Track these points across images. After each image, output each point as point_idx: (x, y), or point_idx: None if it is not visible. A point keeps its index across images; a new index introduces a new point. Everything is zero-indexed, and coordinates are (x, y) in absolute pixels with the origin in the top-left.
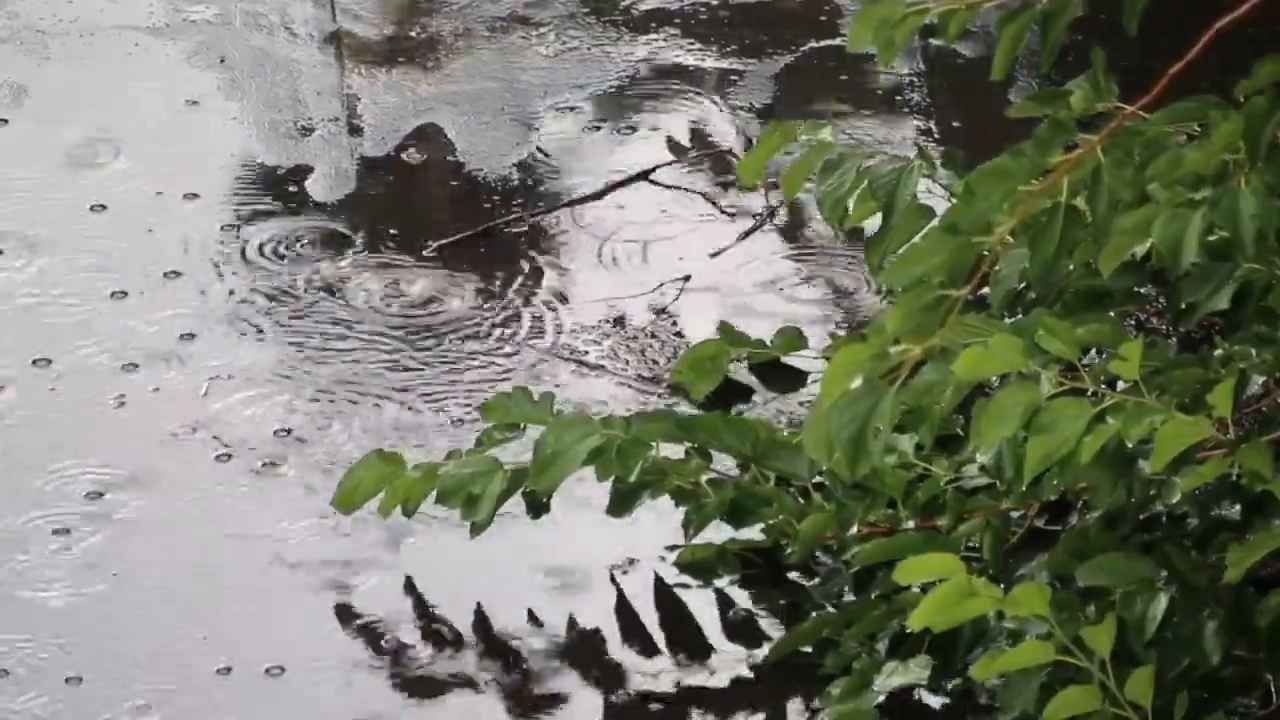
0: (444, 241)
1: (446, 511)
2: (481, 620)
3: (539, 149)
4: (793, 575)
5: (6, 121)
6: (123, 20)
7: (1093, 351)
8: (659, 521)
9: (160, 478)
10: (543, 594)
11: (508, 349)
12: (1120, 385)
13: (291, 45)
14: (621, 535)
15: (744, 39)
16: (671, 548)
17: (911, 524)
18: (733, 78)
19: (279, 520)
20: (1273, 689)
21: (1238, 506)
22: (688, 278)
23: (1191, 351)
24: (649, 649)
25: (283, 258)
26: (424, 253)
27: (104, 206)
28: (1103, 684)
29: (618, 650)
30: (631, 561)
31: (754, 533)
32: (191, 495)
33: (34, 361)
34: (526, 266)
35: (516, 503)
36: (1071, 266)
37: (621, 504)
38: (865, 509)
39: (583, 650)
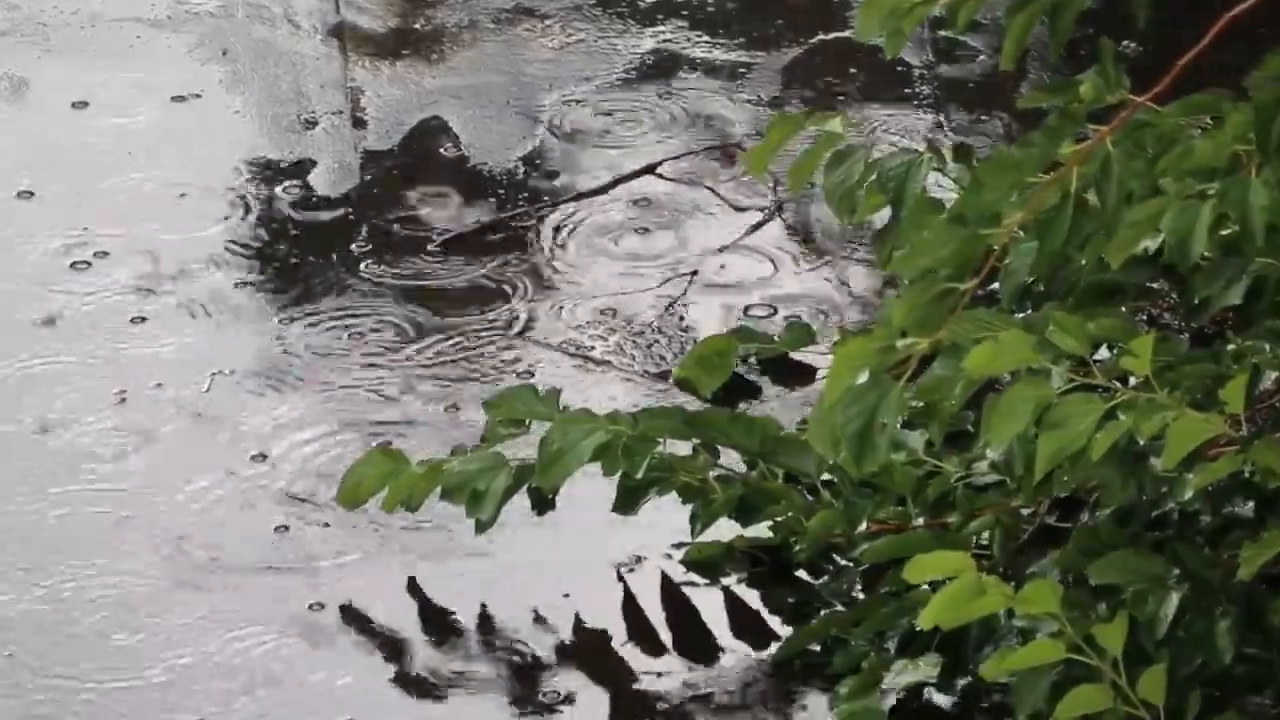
0: (449, 235)
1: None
2: (486, 618)
3: (545, 142)
4: (801, 573)
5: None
6: (124, 13)
7: (1104, 347)
8: (666, 519)
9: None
10: (548, 592)
11: (513, 344)
12: (1132, 381)
13: (294, 38)
14: (628, 532)
15: (751, 31)
16: (678, 545)
17: (921, 521)
18: (740, 70)
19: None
20: None
21: (1250, 504)
22: (695, 272)
23: (1204, 347)
24: (655, 647)
25: (285, 253)
26: (429, 247)
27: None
28: (1114, 683)
29: (624, 648)
30: (638, 559)
31: (762, 530)
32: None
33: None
34: (532, 261)
35: (521, 500)
36: (1083, 261)
37: (628, 501)
38: (874, 506)
39: (589, 649)
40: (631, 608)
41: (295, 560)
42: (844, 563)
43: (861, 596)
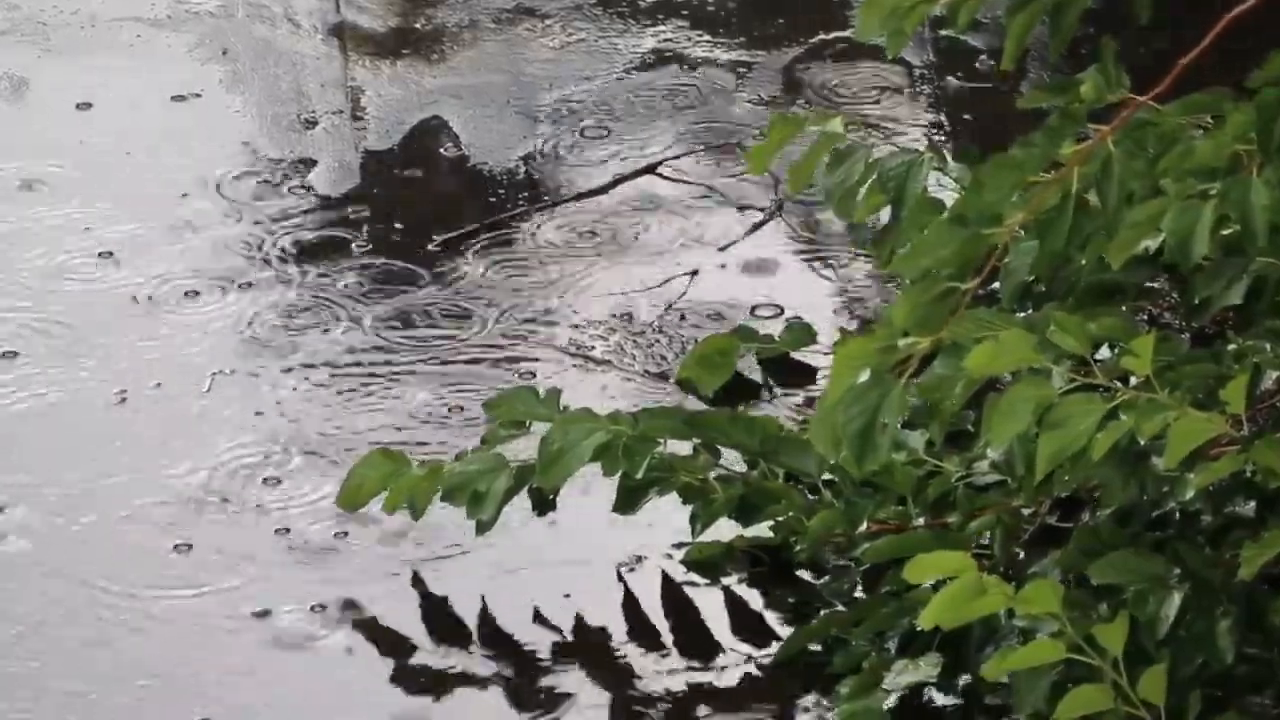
0: (449, 235)
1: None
2: (487, 617)
3: (545, 142)
4: (801, 573)
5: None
6: (124, 12)
7: (1105, 347)
8: (666, 519)
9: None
10: (548, 592)
11: (513, 344)
12: (1133, 381)
13: (295, 37)
14: (628, 532)
15: (752, 30)
16: (679, 545)
17: (921, 521)
18: (741, 69)
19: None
20: None
21: (1251, 503)
22: (695, 272)
23: (1205, 347)
24: (656, 647)
25: (286, 252)
26: (429, 247)
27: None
28: (1115, 683)
29: (625, 648)
30: (639, 559)
31: (762, 530)
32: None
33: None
34: (532, 261)
35: (522, 500)
36: (1084, 261)
37: (628, 501)
38: (875, 506)
39: (589, 648)
40: (632, 607)
41: (296, 561)
42: (845, 562)
43: (862, 596)
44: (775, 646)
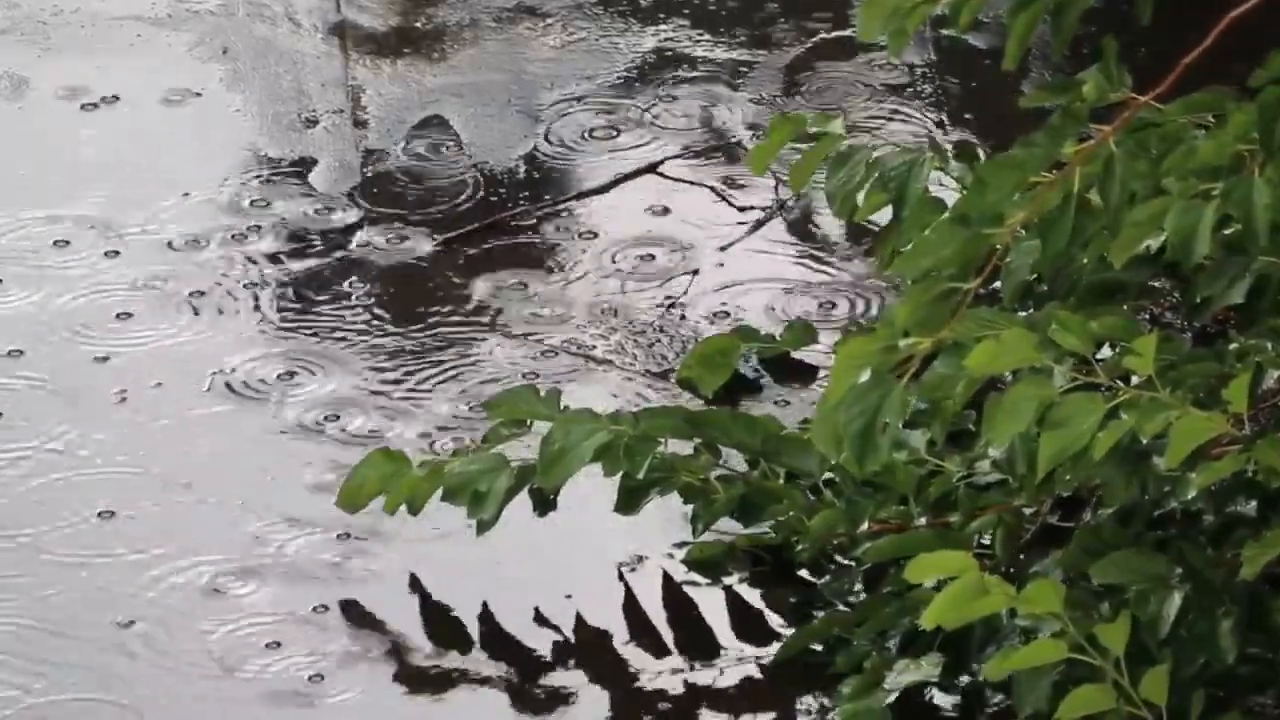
0: (450, 235)
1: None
2: (488, 618)
3: (546, 141)
4: (803, 573)
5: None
6: (124, 11)
7: (1106, 346)
8: (667, 518)
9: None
10: (549, 591)
11: (513, 343)
12: (1134, 380)
13: (295, 36)
14: (629, 532)
15: (753, 30)
16: (680, 545)
17: (923, 521)
18: (742, 69)
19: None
20: None
21: (1253, 503)
22: (696, 271)
23: (1206, 346)
24: (657, 647)
25: (286, 252)
26: (430, 246)
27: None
28: (1116, 683)
29: (625, 648)
30: (640, 559)
31: (763, 530)
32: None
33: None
34: (533, 260)
35: (523, 500)
36: (1085, 260)
37: (630, 500)
38: (876, 505)
39: (590, 648)
40: (633, 607)
41: (297, 562)
42: (846, 562)
43: (863, 596)
44: (776, 646)
